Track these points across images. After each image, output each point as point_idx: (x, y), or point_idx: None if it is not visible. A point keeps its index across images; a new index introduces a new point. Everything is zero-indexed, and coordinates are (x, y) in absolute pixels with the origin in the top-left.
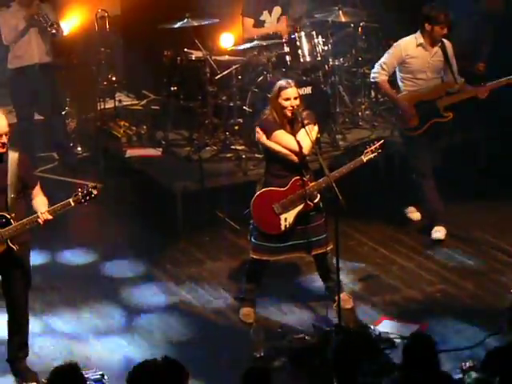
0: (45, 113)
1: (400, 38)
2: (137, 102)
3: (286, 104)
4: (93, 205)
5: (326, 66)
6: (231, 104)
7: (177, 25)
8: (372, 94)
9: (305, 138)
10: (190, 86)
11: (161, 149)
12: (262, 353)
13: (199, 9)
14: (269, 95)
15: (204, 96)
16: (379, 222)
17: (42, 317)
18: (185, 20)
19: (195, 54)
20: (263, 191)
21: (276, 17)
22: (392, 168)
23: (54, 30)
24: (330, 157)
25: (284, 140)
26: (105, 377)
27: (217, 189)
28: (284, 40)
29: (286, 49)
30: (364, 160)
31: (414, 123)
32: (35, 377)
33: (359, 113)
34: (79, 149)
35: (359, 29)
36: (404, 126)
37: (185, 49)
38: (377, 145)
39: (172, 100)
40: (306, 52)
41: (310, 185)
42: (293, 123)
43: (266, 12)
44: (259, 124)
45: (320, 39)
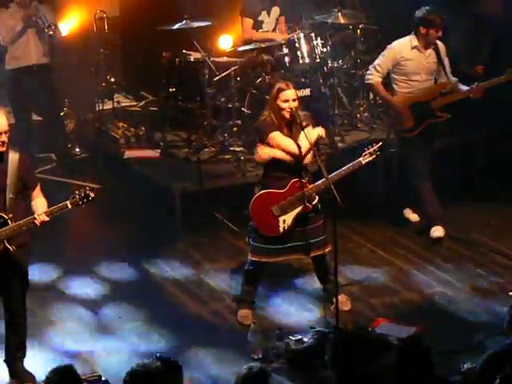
0: (43, 114)
1: None
2: (135, 103)
3: (285, 106)
4: (91, 206)
5: (325, 68)
6: (230, 105)
7: (175, 26)
8: (371, 96)
9: (304, 141)
10: (189, 88)
11: (159, 150)
12: (260, 354)
13: (198, 10)
14: (267, 97)
15: (202, 97)
16: (378, 224)
17: (41, 318)
18: (183, 21)
19: (194, 56)
20: (262, 193)
21: (275, 17)
22: (390, 170)
23: (52, 31)
24: (329, 159)
25: (280, 142)
26: (102, 378)
27: (215, 190)
28: (283, 41)
29: (285, 50)
30: (363, 162)
31: (410, 124)
32: (32, 378)
33: (358, 115)
34: (77, 150)
35: (358, 31)
36: (399, 128)
37: (183, 50)
38: (375, 147)
39: (170, 101)
40: (305, 54)
41: (309, 187)
42: (291, 125)
43: (265, 12)
44: (256, 125)
45: (319, 41)
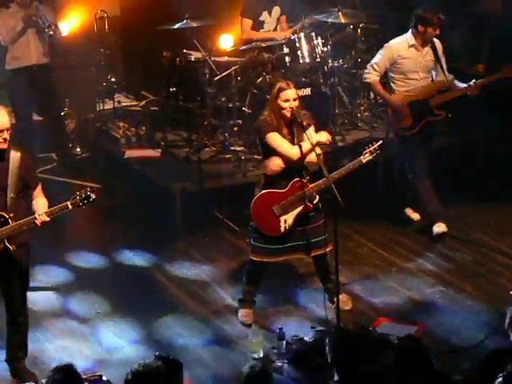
0: (43, 114)
1: None
2: (136, 103)
3: (285, 105)
4: (91, 205)
5: (326, 68)
6: (230, 105)
7: (176, 26)
8: (371, 96)
9: (307, 143)
10: (189, 87)
11: (160, 150)
12: (261, 354)
13: (198, 10)
14: (268, 96)
15: (203, 97)
16: (378, 224)
17: (41, 317)
18: (184, 21)
19: (194, 55)
20: (263, 193)
21: (276, 17)
22: (391, 169)
23: (52, 31)
24: (329, 158)
25: (276, 143)
26: (103, 378)
27: (216, 190)
28: (283, 41)
29: (286, 50)
30: (363, 161)
31: (408, 123)
32: (34, 377)
33: (358, 114)
34: (78, 149)
35: (359, 30)
36: (398, 126)
37: (184, 50)
38: (375, 145)
39: (171, 101)
40: (306, 53)
41: (310, 186)
42: (292, 124)
43: (266, 12)
44: (256, 125)
45: (319, 40)
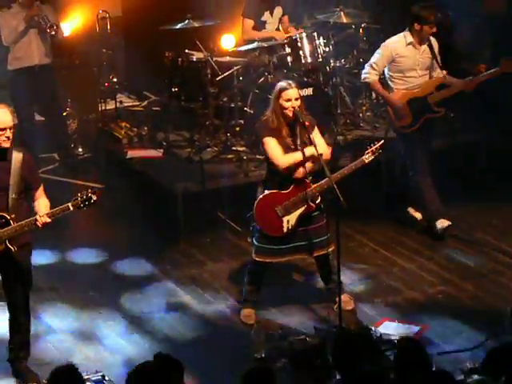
0: (45, 114)
1: None
2: (138, 103)
3: (287, 105)
4: (93, 206)
5: (328, 68)
6: (232, 105)
7: (178, 26)
8: (373, 96)
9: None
10: (191, 87)
11: (162, 150)
12: (263, 354)
13: (200, 10)
14: (270, 96)
15: (205, 97)
16: (380, 224)
17: (43, 317)
18: (186, 21)
19: (196, 55)
20: (266, 194)
21: (278, 17)
22: (393, 168)
23: (54, 32)
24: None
25: (270, 149)
26: (105, 378)
27: (218, 190)
28: (285, 41)
29: (288, 50)
30: (365, 161)
31: (408, 121)
32: (36, 377)
33: (360, 114)
34: (80, 150)
35: (360, 30)
36: (398, 124)
37: (186, 50)
38: (377, 145)
39: (173, 101)
40: (308, 53)
41: (312, 186)
42: (293, 124)
43: (268, 13)
44: (257, 125)
45: (321, 40)
